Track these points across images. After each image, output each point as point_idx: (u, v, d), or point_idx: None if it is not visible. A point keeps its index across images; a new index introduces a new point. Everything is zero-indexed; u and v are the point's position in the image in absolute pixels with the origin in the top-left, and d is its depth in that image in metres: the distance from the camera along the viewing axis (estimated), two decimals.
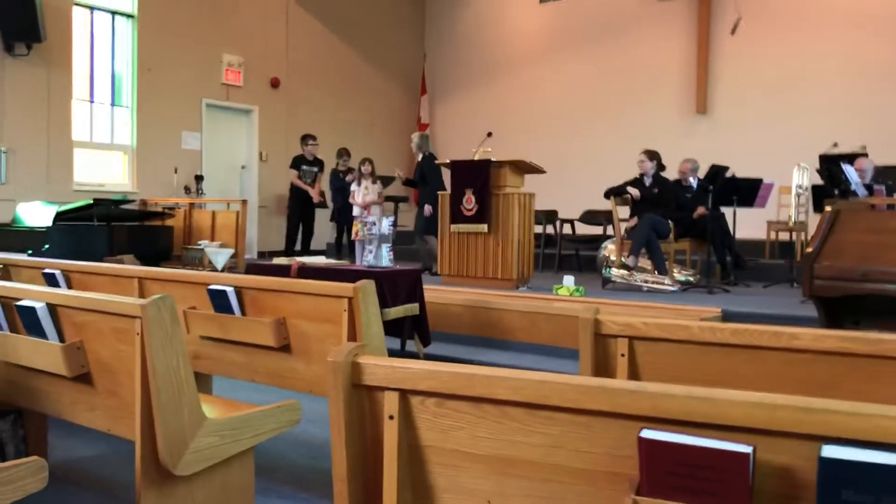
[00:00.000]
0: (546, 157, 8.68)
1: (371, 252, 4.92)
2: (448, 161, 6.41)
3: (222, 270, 6.39)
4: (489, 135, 7.38)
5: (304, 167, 8.73)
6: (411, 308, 4.56)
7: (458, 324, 5.32)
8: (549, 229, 8.08)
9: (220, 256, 6.70)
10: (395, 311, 4.43)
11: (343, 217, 8.43)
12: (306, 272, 4.62)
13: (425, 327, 4.67)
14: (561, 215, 8.16)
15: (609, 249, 6.52)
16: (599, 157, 9.85)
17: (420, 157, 7.31)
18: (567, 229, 8.32)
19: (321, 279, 3.77)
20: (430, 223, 6.75)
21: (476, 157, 6.36)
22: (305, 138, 8.89)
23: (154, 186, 8.64)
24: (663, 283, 5.93)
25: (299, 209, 8.68)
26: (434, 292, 5.58)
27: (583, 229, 8.45)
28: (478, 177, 6.05)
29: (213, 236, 7.27)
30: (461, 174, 6.14)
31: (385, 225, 4.90)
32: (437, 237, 6.40)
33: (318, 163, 8.84)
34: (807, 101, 8.56)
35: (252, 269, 4.84)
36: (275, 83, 9.83)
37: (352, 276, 4.44)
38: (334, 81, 10.59)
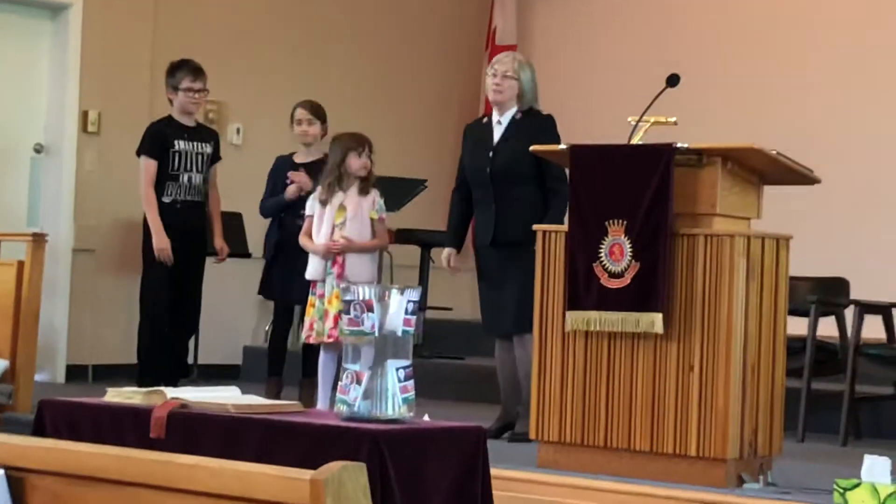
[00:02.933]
0: (811, 143, 7.45)
1: (353, 378, 3.97)
2: (563, 146, 5.23)
3: None
4: (671, 82, 5.47)
5: (180, 144, 6.92)
6: None
7: None
8: (827, 328, 6.69)
9: None
10: None
11: (289, 284, 6.64)
12: (190, 428, 3.91)
13: None
14: (858, 293, 6.69)
15: None
16: None
17: (515, 113, 5.84)
18: (873, 328, 6.72)
19: (228, 453, 3.17)
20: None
21: (637, 139, 5.16)
22: (181, 70, 6.95)
23: None
24: None
25: (177, 261, 6.87)
26: (521, 487, 4.84)
27: None
28: (640, 188, 4.85)
29: None
30: (595, 181, 5.00)
31: (397, 305, 3.88)
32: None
33: (211, 135, 7.12)
34: None
35: (52, 414, 4.13)
36: None
37: (306, 442, 3.80)
38: None
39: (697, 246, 4.78)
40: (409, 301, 4.03)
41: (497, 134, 5.79)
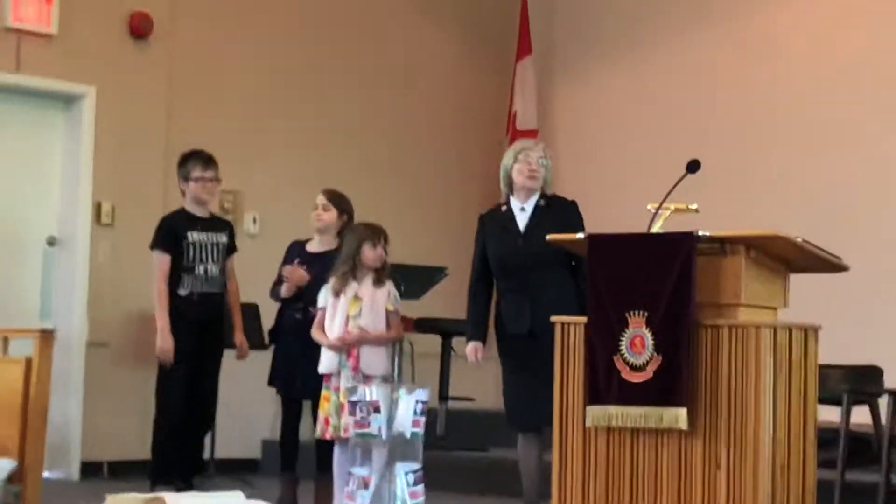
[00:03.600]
0: (838, 228, 7.49)
1: (361, 484, 4.17)
2: (581, 235, 5.11)
3: None
4: (691, 168, 5.37)
5: (194, 235, 6.75)
6: None
7: None
8: (859, 416, 6.51)
9: None
10: None
11: (290, 377, 6.52)
12: None
13: None
14: (893, 381, 6.53)
15: None
16: None
17: (538, 199, 5.85)
18: None
19: None
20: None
21: (658, 227, 5.05)
22: (191, 161, 6.85)
23: None
24: None
25: (189, 355, 6.68)
26: None
27: None
28: (661, 277, 4.71)
29: None
30: (615, 270, 4.84)
31: (405, 405, 4.13)
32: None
33: (225, 225, 7.03)
34: None
35: None
36: (140, 28, 8.15)
37: None
38: (294, 22, 9.14)
39: (722, 338, 4.60)
40: (417, 401, 3.98)
41: (522, 221, 5.66)
